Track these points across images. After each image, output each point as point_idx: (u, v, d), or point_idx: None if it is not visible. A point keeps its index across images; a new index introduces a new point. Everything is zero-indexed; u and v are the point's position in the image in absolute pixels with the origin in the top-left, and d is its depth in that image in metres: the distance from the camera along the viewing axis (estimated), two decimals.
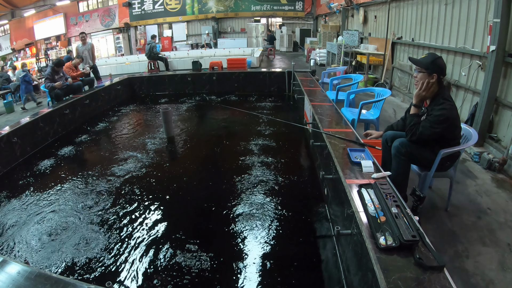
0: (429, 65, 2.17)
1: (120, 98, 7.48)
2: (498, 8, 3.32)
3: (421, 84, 2.22)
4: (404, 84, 6.29)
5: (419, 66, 2.23)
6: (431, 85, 2.20)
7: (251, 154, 3.99)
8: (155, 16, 17.98)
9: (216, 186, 3.35)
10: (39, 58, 16.33)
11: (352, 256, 1.87)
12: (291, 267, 2.22)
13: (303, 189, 3.25)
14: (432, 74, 2.16)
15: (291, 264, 2.25)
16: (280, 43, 16.49)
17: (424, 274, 1.34)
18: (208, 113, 6.60)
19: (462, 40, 4.37)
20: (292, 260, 2.28)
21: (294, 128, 4.54)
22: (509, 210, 2.64)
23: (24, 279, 1.48)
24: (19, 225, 2.79)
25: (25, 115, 6.16)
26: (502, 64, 3.47)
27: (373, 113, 3.96)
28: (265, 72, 7.84)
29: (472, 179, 3.19)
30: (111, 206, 3.01)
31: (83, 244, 2.48)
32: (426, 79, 2.19)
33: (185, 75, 8.13)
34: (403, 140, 2.35)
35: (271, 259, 2.26)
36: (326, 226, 2.62)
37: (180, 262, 2.23)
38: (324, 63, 10.73)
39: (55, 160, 4.22)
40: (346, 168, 2.26)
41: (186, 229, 2.64)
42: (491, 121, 3.71)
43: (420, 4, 5.65)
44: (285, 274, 2.17)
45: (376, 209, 1.73)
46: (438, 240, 2.27)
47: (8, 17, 20.04)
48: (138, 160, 4.00)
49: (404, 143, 2.33)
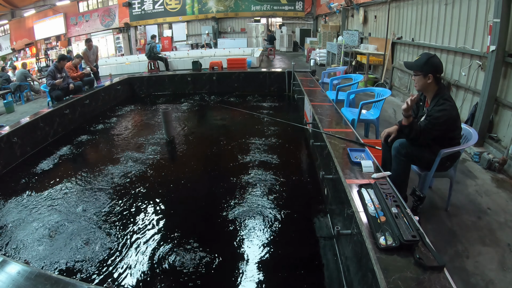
0: (423, 67, 2.16)
1: (120, 98, 7.48)
2: (498, 8, 3.32)
3: (406, 104, 2.16)
4: (404, 84, 6.29)
5: (413, 69, 2.23)
6: (416, 98, 2.18)
7: (251, 154, 3.99)
8: (155, 16, 17.98)
9: (216, 186, 3.34)
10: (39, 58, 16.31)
11: (352, 256, 1.87)
12: (291, 267, 2.22)
13: (303, 189, 3.25)
14: (428, 75, 2.16)
15: (291, 264, 2.25)
16: (280, 43, 16.48)
17: (424, 274, 1.34)
18: (208, 113, 6.60)
19: (462, 40, 4.37)
20: (292, 260, 2.28)
21: (294, 128, 4.55)
22: (509, 210, 2.64)
23: (24, 279, 1.48)
24: (19, 225, 2.79)
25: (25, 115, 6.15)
26: (502, 64, 3.47)
27: (373, 113, 3.96)
28: (265, 72, 7.84)
29: (472, 179, 3.18)
30: (111, 206, 3.01)
31: (83, 244, 2.48)
32: (413, 97, 2.16)
33: (185, 75, 8.13)
34: (403, 141, 2.34)
35: (271, 259, 2.26)
36: (326, 226, 2.62)
37: (180, 262, 2.23)
38: (324, 63, 10.73)
39: (55, 160, 4.22)
40: (346, 168, 2.27)
41: (186, 229, 2.64)
42: (491, 121, 3.71)
43: (420, 4, 5.65)
44: (285, 274, 2.17)
45: (376, 209, 1.73)
46: (438, 240, 2.27)
47: (8, 17, 20.04)
48: (138, 160, 4.00)
49: (404, 144, 2.33)
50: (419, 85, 2.23)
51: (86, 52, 7.40)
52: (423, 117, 2.30)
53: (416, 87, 2.28)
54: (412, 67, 2.23)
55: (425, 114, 2.31)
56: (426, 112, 2.28)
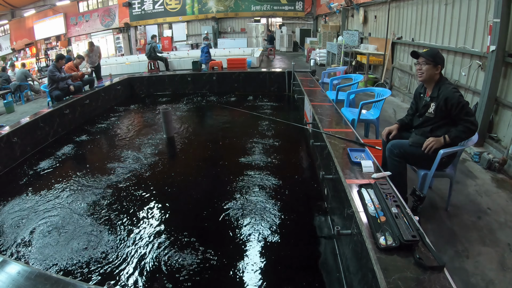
0: (435, 58, 2.28)
1: (120, 98, 7.49)
2: (498, 8, 3.32)
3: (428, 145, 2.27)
4: (404, 84, 6.29)
5: (427, 58, 2.30)
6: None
7: (251, 154, 3.99)
8: (155, 16, 17.97)
9: (215, 186, 3.34)
10: (39, 58, 16.31)
11: (352, 256, 1.87)
12: (291, 267, 2.22)
13: (303, 189, 3.25)
14: (437, 66, 2.28)
15: (291, 264, 2.25)
16: (280, 43, 16.48)
17: (424, 274, 1.34)
18: (208, 113, 6.60)
19: (462, 40, 4.37)
20: (292, 260, 2.28)
21: (294, 128, 4.55)
22: (509, 210, 2.64)
23: (24, 279, 1.48)
24: (19, 225, 2.79)
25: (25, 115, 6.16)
26: (502, 64, 3.47)
27: (373, 113, 3.96)
28: (265, 72, 7.84)
29: (472, 179, 3.18)
30: (111, 206, 3.01)
31: (83, 244, 2.48)
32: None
33: (185, 75, 8.13)
34: (395, 141, 2.42)
35: (271, 259, 2.26)
36: (326, 226, 2.61)
37: (180, 262, 2.23)
38: (324, 63, 10.73)
39: (55, 160, 4.22)
40: (346, 168, 2.27)
41: (186, 228, 2.64)
42: (491, 121, 3.71)
43: (420, 4, 5.65)
44: (285, 274, 2.17)
45: (376, 209, 1.73)
46: (438, 240, 2.27)
47: (8, 17, 20.03)
48: (138, 160, 4.00)
49: (396, 144, 2.38)
50: (428, 74, 2.31)
51: (88, 53, 7.76)
52: (429, 107, 2.33)
53: (421, 77, 2.34)
54: (426, 55, 2.31)
55: (426, 103, 2.37)
56: (428, 101, 2.35)
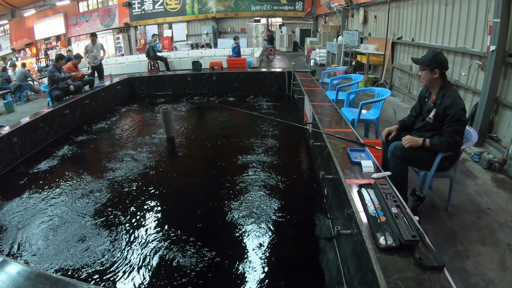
0: (430, 62, 2.24)
1: (120, 98, 7.48)
2: (498, 8, 3.32)
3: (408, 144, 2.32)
4: (404, 84, 6.29)
5: (420, 64, 2.30)
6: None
7: (251, 154, 3.99)
8: (155, 16, 17.97)
9: (215, 186, 3.34)
10: (39, 58, 16.30)
11: (352, 256, 1.87)
12: (291, 267, 2.22)
13: (303, 189, 3.25)
14: (434, 70, 2.23)
15: (291, 264, 2.25)
16: (280, 43, 16.47)
17: (424, 274, 1.34)
18: (208, 113, 6.60)
19: (462, 40, 4.37)
20: (292, 260, 2.28)
21: (294, 128, 4.54)
22: (509, 210, 2.64)
23: (24, 279, 1.48)
24: (19, 225, 2.79)
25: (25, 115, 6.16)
26: (502, 64, 3.47)
27: (373, 113, 3.96)
28: (265, 72, 7.84)
29: (472, 179, 3.18)
30: (111, 206, 3.01)
31: (83, 244, 2.48)
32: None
33: (185, 75, 8.13)
34: (398, 143, 2.40)
35: (271, 259, 2.26)
36: (326, 226, 2.61)
37: (179, 262, 2.23)
38: (324, 63, 10.73)
39: (55, 160, 4.21)
40: (346, 168, 2.26)
41: (186, 228, 2.64)
42: (491, 121, 3.71)
43: (420, 4, 5.65)
44: (285, 274, 2.17)
45: (376, 209, 1.73)
46: (438, 240, 2.27)
47: (8, 17, 20.03)
48: (138, 160, 4.00)
49: (399, 146, 2.37)
50: (426, 79, 2.30)
51: (88, 46, 7.45)
52: (430, 112, 2.32)
53: (423, 82, 2.35)
54: (419, 62, 2.31)
55: (429, 108, 2.35)
56: (431, 106, 2.33)
